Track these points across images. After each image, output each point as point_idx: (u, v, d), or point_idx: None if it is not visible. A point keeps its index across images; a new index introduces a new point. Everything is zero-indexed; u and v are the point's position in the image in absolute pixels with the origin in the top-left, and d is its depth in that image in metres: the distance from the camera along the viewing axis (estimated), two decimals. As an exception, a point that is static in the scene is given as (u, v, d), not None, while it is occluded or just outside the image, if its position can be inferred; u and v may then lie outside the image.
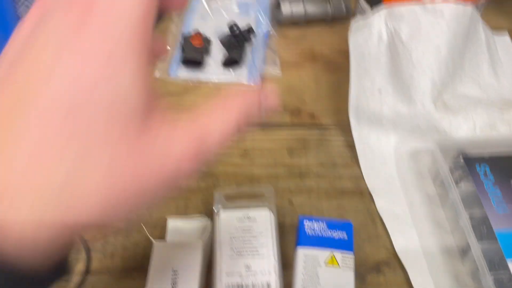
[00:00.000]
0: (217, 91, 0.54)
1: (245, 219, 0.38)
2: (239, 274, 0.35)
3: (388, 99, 0.46)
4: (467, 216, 0.37)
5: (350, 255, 0.34)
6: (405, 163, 0.45)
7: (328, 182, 0.45)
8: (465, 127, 0.45)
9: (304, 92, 0.54)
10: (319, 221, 0.36)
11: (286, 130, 0.50)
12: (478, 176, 0.39)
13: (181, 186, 0.20)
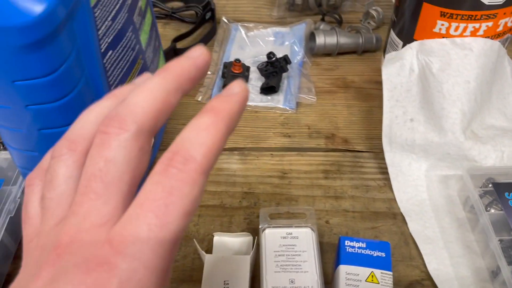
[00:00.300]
0: (255, 116, 0.58)
1: (288, 237, 0.41)
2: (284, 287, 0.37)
3: (420, 128, 0.49)
4: (497, 240, 0.39)
5: (388, 273, 0.36)
6: (435, 188, 0.48)
7: (362, 204, 0.48)
8: (494, 156, 0.47)
9: (337, 118, 0.57)
10: (359, 241, 0.39)
11: (321, 154, 0.53)
12: (507, 203, 0.42)
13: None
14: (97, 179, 0.18)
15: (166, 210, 0.17)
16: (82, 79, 0.35)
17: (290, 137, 0.55)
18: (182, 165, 0.18)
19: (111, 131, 0.18)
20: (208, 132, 0.19)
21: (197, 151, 0.18)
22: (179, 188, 0.18)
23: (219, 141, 0.19)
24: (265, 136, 0.55)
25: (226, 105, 0.20)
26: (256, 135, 0.55)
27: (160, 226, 0.17)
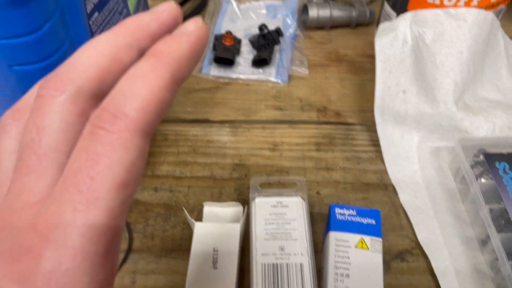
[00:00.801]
0: (247, 89, 0.57)
1: (278, 205, 0.41)
2: (274, 255, 0.37)
3: (412, 99, 0.49)
4: (487, 209, 0.39)
5: (378, 240, 0.36)
6: (427, 159, 0.48)
7: (353, 175, 0.47)
8: (485, 127, 0.47)
9: (330, 92, 0.56)
10: (349, 209, 0.38)
11: (313, 127, 0.52)
12: (498, 172, 0.42)
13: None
14: (30, 150, 0.16)
15: (91, 184, 0.14)
16: (67, 40, 0.34)
17: (281, 110, 0.54)
18: (110, 125, 0.15)
19: (45, 93, 0.16)
20: (145, 81, 0.15)
21: (130, 106, 0.15)
22: (107, 155, 0.14)
23: (160, 91, 0.15)
24: (257, 109, 0.55)
25: (172, 47, 0.16)
26: (247, 108, 0.55)
27: (86, 204, 0.14)
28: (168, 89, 0.15)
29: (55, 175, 0.16)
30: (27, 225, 0.15)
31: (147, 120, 0.15)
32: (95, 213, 0.14)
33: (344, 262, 0.35)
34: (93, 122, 0.15)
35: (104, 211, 0.14)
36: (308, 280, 0.36)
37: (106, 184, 0.14)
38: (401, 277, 0.39)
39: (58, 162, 0.16)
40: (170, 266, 0.40)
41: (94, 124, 0.15)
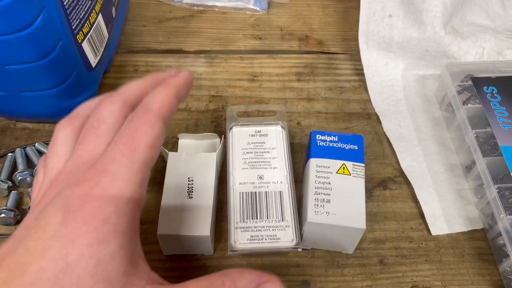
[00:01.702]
0: (223, 17, 0.53)
1: (257, 134, 0.39)
2: (252, 183, 0.36)
3: (399, 24, 0.46)
4: (473, 133, 0.38)
5: (360, 165, 0.35)
6: (412, 88, 0.46)
7: (336, 105, 0.45)
8: (474, 52, 0.45)
9: (312, 19, 0.53)
10: (330, 135, 0.36)
11: (294, 56, 0.50)
12: (486, 96, 0.40)
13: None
14: (91, 131, 0.24)
15: (133, 141, 0.22)
16: (64, 36, 0.34)
17: (261, 39, 0.51)
18: (144, 113, 0.24)
19: (105, 103, 0.25)
20: (160, 94, 0.25)
21: (153, 104, 0.24)
22: (142, 128, 0.23)
23: (170, 100, 0.25)
24: (234, 38, 0.51)
25: (176, 80, 0.26)
26: (224, 37, 0.51)
27: (129, 151, 0.22)
28: (174, 100, 0.25)
29: (107, 148, 0.23)
30: (89, 167, 0.22)
31: (164, 112, 0.24)
32: (135, 156, 0.22)
33: (324, 187, 0.33)
34: (133, 113, 0.24)
35: (141, 157, 0.22)
36: (288, 207, 0.34)
37: (142, 143, 0.23)
38: (383, 205, 0.38)
39: (109, 142, 0.23)
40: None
41: (133, 114, 0.24)
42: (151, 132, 0.23)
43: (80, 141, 0.24)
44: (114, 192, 0.21)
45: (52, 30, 0.34)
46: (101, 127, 0.24)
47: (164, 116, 0.24)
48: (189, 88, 0.28)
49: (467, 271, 0.35)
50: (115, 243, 0.20)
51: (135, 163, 0.22)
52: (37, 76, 0.36)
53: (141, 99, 0.25)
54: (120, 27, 0.49)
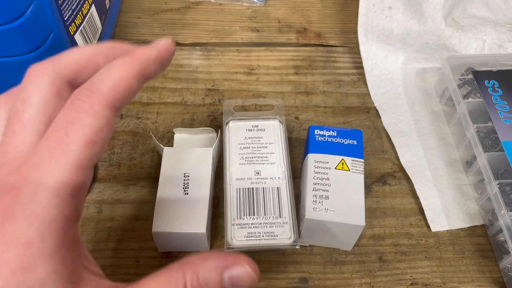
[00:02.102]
0: (220, 9, 0.52)
1: (254, 129, 0.38)
2: (249, 179, 0.35)
3: (399, 16, 0.45)
4: (474, 128, 0.37)
5: (360, 161, 0.34)
6: (412, 81, 0.45)
7: (334, 99, 0.44)
8: (474, 45, 0.44)
9: (310, 11, 0.52)
10: (329, 130, 0.36)
11: (292, 49, 0.49)
12: (487, 90, 0.39)
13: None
14: (15, 118, 0.20)
15: (66, 138, 0.18)
16: (55, 27, 0.33)
17: (258, 31, 0.50)
18: (86, 97, 0.19)
19: (30, 73, 0.20)
20: (118, 69, 0.20)
21: (104, 84, 0.19)
22: (80, 118, 0.19)
23: (128, 78, 0.20)
24: (231, 31, 0.50)
25: (144, 50, 0.21)
26: (221, 30, 0.50)
27: (60, 152, 0.18)
28: (136, 78, 0.20)
29: (36, 140, 0.19)
30: (12, 171, 0.18)
31: (116, 97, 0.19)
32: (67, 160, 0.18)
33: (323, 183, 0.33)
34: (73, 96, 0.19)
35: (75, 159, 0.18)
36: (285, 203, 0.33)
37: (78, 140, 0.18)
38: (382, 201, 0.38)
39: (38, 129, 0.19)
40: (138, 195, 0.37)
41: (73, 97, 0.19)
42: (93, 123, 0.18)
43: (5, 131, 0.20)
44: (37, 210, 0.18)
45: (43, 22, 0.33)
46: (26, 111, 0.20)
47: (116, 101, 0.19)
48: (166, 62, 0.22)
49: (467, 268, 0.35)
50: (43, 269, 0.18)
51: (67, 168, 0.18)
52: (28, 69, 0.35)
53: (87, 73, 0.21)
54: (114, 19, 0.48)
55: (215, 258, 0.21)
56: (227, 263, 0.21)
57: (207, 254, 0.21)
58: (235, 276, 0.21)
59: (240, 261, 0.21)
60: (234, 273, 0.21)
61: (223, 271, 0.21)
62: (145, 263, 0.34)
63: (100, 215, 0.36)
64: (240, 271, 0.21)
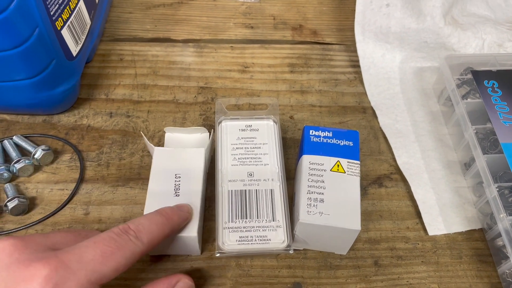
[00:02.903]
0: (213, 4, 0.51)
1: (247, 129, 0.37)
2: (242, 181, 0.34)
3: (396, 14, 0.44)
4: (472, 129, 0.36)
5: (356, 162, 0.33)
6: (409, 80, 0.44)
7: (330, 98, 0.43)
8: (474, 44, 0.43)
9: (306, 8, 0.51)
10: (324, 130, 0.35)
11: (287, 47, 0.47)
12: (486, 91, 0.38)
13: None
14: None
15: (110, 255, 0.24)
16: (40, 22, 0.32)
17: (253, 28, 0.49)
18: (133, 238, 0.26)
19: None
20: (157, 227, 0.27)
21: (145, 235, 0.26)
22: (124, 250, 0.25)
23: (160, 237, 0.27)
24: (225, 27, 0.49)
25: (176, 217, 0.29)
26: (214, 26, 0.49)
27: (99, 263, 0.23)
28: (165, 236, 0.28)
29: None
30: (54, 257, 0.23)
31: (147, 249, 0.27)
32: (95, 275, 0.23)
33: (318, 186, 0.32)
34: (121, 228, 0.26)
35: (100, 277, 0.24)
36: (279, 206, 0.32)
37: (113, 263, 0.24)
38: (378, 203, 0.37)
39: None
40: (128, 196, 0.36)
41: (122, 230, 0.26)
42: (128, 258, 0.25)
43: None
44: None
45: (28, 16, 0.32)
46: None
47: (144, 252, 0.26)
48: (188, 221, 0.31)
49: (464, 273, 0.34)
50: None
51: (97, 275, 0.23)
52: (13, 65, 0.34)
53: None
54: (105, 14, 0.47)
55: (162, 284, 0.27)
56: (173, 282, 0.28)
57: (155, 284, 0.27)
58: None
59: (180, 278, 0.28)
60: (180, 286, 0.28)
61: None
62: (133, 267, 0.33)
63: (87, 216, 0.35)
64: (182, 286, 0.28)
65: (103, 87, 0.43)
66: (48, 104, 0.39)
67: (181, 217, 0.29)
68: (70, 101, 0.40)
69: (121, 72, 0.44)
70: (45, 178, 0.37)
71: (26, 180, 0.36)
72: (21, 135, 0.38)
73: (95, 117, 0.41)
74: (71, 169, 0.37)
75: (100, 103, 0.42)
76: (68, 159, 0.38)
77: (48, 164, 0.37)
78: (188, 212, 0.30)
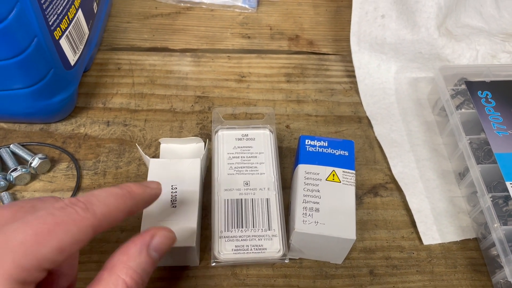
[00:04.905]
0: (211, 14, 0.51)
1: (244, 138, 0.37)
2: (238, 190, 0.34)
3: (391, 25, 0.45)
4: (467, 139, 0.37)
5: (351, 172, 0.33)
6: (404, 91, 0.44)
7: (326, 108, 0.44)
8: (468, 55, 0.44)
9: (302, 19, 0.52)
10: (320, 140, 0.35)
11: (284, 57, 0.48)
12: (480, 101, 0.39)
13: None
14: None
15: (47, 235, 0.20)
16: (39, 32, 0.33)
17: (249, 38, 0.49)
18: (80, 210, 0.21)
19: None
20: (114, 199, 0.23)
21: (98, 208, 0.22)
22: (67, 224, 0.21)
23: (119, 210, 0.23)
24: (222, 37, 0.49)
25: (140, 190, 0.25)
26: (212, 36, 0.49)
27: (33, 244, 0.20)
28: (124, 213, 0.24)
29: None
30: None
31: (102, 223, 0.22)
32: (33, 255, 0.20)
33: (313, 195, 0.32)
34: (67, 202, 0.22)
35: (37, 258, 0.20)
36: (275, 215, 0.33)
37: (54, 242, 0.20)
38: (374, 212, 0.37)
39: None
40: (124, 205, 0.36)
41: (68, 203, 0.22)
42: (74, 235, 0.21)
43: None
44: None
45: (27, 26, 0.32)
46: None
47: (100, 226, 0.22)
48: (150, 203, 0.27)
49: (459, 282, 0.34)
50: None
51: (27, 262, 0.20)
52: (11, 74, 0.34)
53: None
54: (103, 23, 0.47)
55: (135, 244, 0.23)
56: (146, 240, 0.24)
57: (125, 247, 0.23)
58: (158, 245, 0.24)
59: (156, 232, 0.24)
60: (155, 244, 0.24)
61: (148, 249, 0.23)
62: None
63: (84, 225, 0.35)
64: (160, 240, 0.24)
65: (101, 96, 0.43)
66: (46, 113, 0.39)
67: (146, 192, 0.25)
68: (68, 110, 0.41)
69: (119, 81, 0.44)
70: (42, 187, 0.37)
71: (22, 189, 0.37)
72: (18, 144, 0.38)
73: (92, 125, 0.41)
74: (68, 178, 0.37)
75: (97, 111, 0.42)
76: (65, 167, 0.38)
77: (45, 172, 0.37)
78: (156, 188, 0.27)
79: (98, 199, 0.22)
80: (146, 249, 0.23)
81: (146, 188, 0.25)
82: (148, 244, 0.24)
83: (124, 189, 0.24)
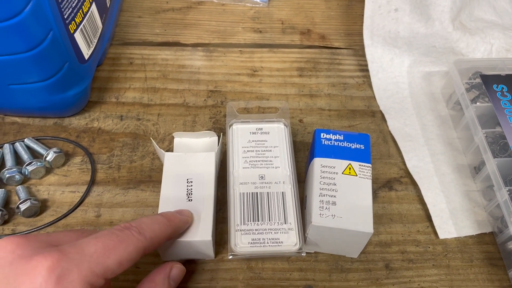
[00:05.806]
0: (222, 9, 0.51)
1: (258, 132, 0.37)
2: (254, 184, 0.34)
3: (405, 19, 0.44)
4: (482, 133, 0.36)
5: (367, 165, 0.33)
6: (418, 84, 0.44)
7: (339, 102, 0.44)
8: (482, 49, 0.43)
9: (314, 13, 0.51)
10: (336, 134, 0.35)
11: (296, 51, 0.48)
12: (495, 95, 0.38)
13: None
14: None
15: (113, 249, 0.24)
16: (54, 26, 0.33)
17: (261, 32, 0.49)
18: (136, 233, 0.26)
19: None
20: (160, 227, 0.28)
21: (148, 232, 0.27)
22: (127, 243, 0.25)
23: (162, 237, 0.28)
24: (233, 32, 0.49)
25: (177, 220, 0.29)
26: (223, 30, 0.49)
27: (101, 256, 0.24)
28: (166, 237, 0.28)
29: None
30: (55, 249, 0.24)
31: (150, 246, 0.27)
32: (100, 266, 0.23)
33: (330, 189, 0.32)
34: (123, 225, 0.27)
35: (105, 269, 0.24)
36: (290, 209, 0.32)
37: (117, 256, 0.24)
38: (389, 207, 0.37)
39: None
40: (139, 199, 0.36)
41: (124, 227, 0.26)
42: (131, 252, 0.25)
43: None
44: None
45: (43, 20, 0.32)
46: None
47: (147, 249, 0.26)
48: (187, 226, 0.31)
49: (475, 276, 0.34)
50: None
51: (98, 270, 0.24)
52: (26, 68, 0.34)
53: None
54: (115, 18, 0.47)
55: (159, 274, 0.28)
56: (167, 272, 0.29)
57: (152, 276, 0.28)
58: (175, 276, 0.29)
59: (173, 265, 0.29)
60: (173, 275, 0.29)
61: (168, 279, 0.28)
62: (145, 269, 0.33)
63: (99, 219, 0.35)
64: (176, 271, 0.29)
65: (114, 90, 0.43)
66: (60, 107, 0.39)
67: (181, 221, 0.30)
68: (81, 104, 0.41)
69: (131, 75, 0.44)
70: (57, 181, 0.37)
71: (37, 183, 0.37)
72: (32, 138, 0.39)
73: (106, 120, 0.41)
74: (83, 172, 0.37)
75: (110, 106, 0.42)
76: (79, 161, 0.38)
77: (60, 166, 0.38)
78: (188, 216, 0.31)
79: (146, 225, 0.27)
80: (168, 278, 0.28)
81: (181, 217, 0.30)
82: (168, 275, 0.29)
83: (165, 217, 0.29)
